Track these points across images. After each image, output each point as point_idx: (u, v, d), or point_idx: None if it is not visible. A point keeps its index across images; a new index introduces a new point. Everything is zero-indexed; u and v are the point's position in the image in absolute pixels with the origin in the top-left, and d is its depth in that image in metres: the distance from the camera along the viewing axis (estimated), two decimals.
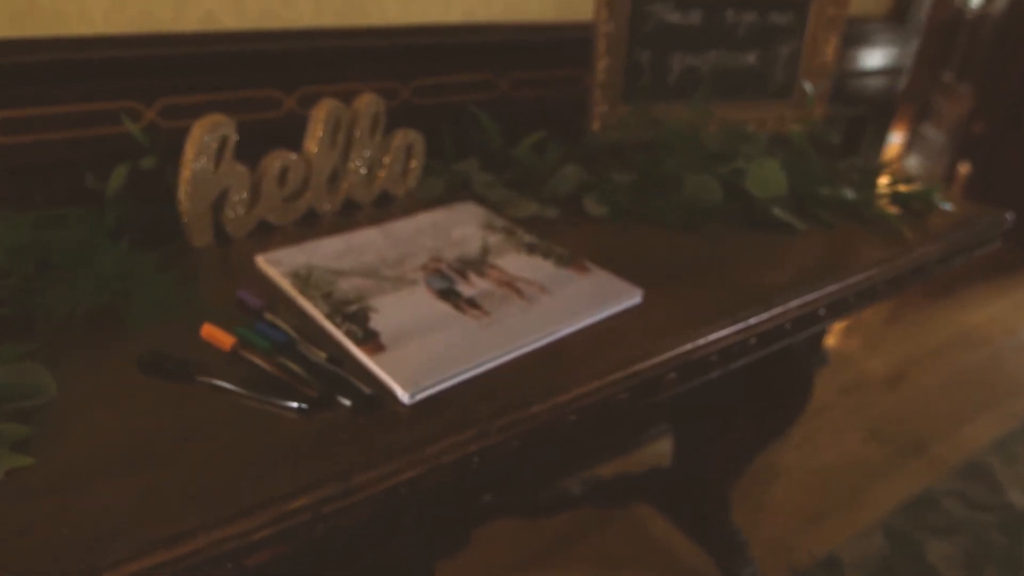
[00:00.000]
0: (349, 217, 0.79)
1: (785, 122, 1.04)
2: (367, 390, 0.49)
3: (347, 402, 0.48)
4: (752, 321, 0.64)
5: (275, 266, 0.64)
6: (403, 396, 0.49)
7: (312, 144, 0.74)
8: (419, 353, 0.53)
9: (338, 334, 0.55)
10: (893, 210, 0.88)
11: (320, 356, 0.53)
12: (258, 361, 0.52)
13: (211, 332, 0.55)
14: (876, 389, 1.87)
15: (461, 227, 0.74)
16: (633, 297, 0.63)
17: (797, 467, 1.58)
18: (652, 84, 0.96)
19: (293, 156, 0.72)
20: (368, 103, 0.76)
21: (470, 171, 0.89)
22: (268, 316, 0.57)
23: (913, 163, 3.38)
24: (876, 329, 2.17)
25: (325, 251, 0.67)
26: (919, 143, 3.37)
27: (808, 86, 1.02)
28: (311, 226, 0.76)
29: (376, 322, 0.56)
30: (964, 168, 3.07)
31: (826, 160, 0.92)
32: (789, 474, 1.57)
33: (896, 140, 3.38)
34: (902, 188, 0.91)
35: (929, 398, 1.86)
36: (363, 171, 0.79)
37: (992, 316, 2.28)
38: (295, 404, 0.48)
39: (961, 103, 3.18)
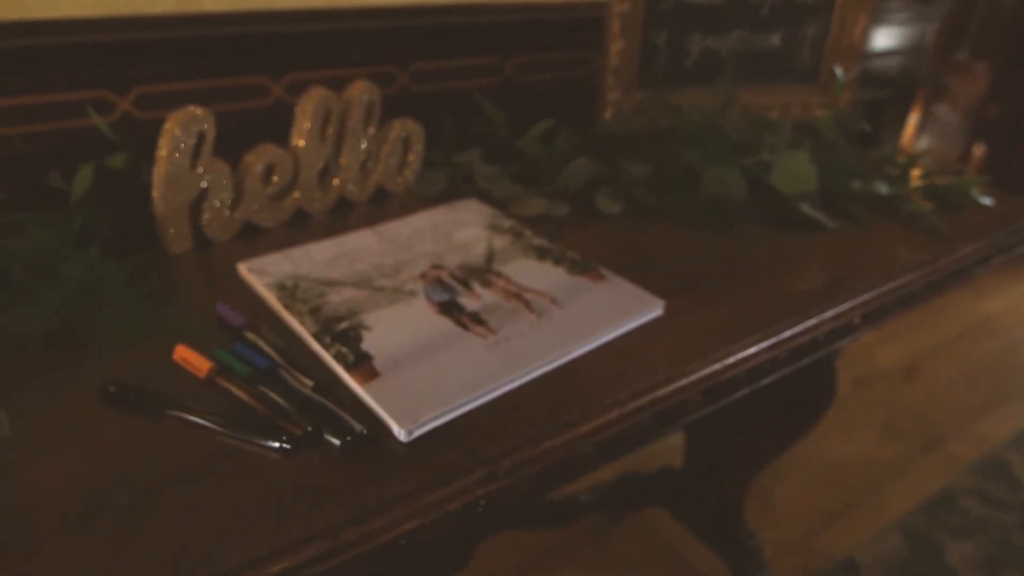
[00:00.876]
0: (342, 217, 0.72)
1: (810, 108, 0.97)
2: (358, 427, 0.43)
3: (336, 441, 0.43)
4: (785, 335, 0.58)
5: (259, 276, 0.58)
6: (399, 433, 0.43)
7: (300, 138, 0.67)
8: (417, 380, 0.47)
9: (327, 357, 0.49)
10: (926, 205, 0.81)
11: (306, 384, 0.47)
12: (236, 391, 0.46)
13: (185, 355, 0.49)
14: (891, 382, 1.82)
15: (464, 228, 0.68)
16: (654, 309, 0.57)
17: (810, 463, 1.53)
18: (669, 68, 0.89)
19: (279, 151, 0.66)
20: (362, 91, 0.70)
21: (473, 164, 0.83)
22: (249, 336, 0.51)
23: (925, 145, 3.29)
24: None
25: (315, 258, 0.61)
26: (932, 125, 3.28)
27: (839, 70, 0.95)
28: (301, 227, 0.70)
29: (370, 342, 0.50)
30: (979, 150, 2.99)
31: (853, 149, 0.85)
32: (802, 471, 1.52)
33: (909, 122, 3.30)
34: (938, 181, 0.84)
35: (945, 391, 1.80)
36: (357, 166, 0.73)
37: (1010, 304, 2.22)
38: (277, 444, 0.42)
39: (976, 83, 3.09)
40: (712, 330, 0.57)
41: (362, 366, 0.48)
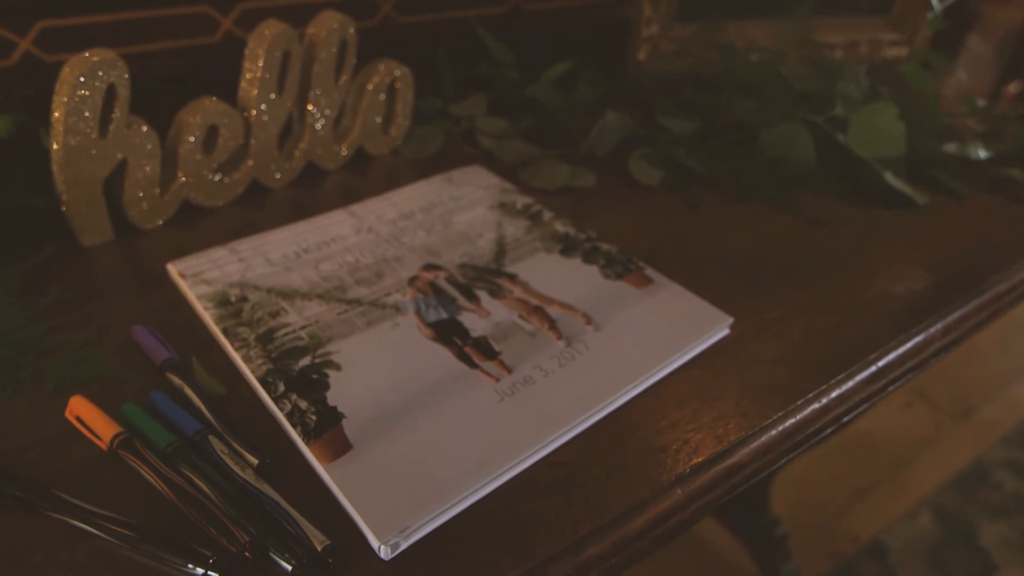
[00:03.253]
0: (309, 190, 0.57)
1: (881, 47, 0.80)
2: (318, 543, 0.30)
3: (287, 566, 0.29)
4: (890, 358, 0.44)
5: (194, 284, 0.44)
6: (379, 549, 0.30)
7: (251, 88, 0.51)
8: (404, 456, 0.33)
9: (279, 415, 0.35)
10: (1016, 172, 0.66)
11: (247, 464, 0.33)
12: (147, 475, 0.32)
13: (81, 413, 0.35)
14: None
15: (466, 210, 0.53)
16: (719, 327, 0.43)
17: (835, 436, 1.43)
18: None
19: (224, 107, 0.50)
20: (331, 25, 0.53)
21: (476, 116, 0.67)
22: (171, 377, 0.37)
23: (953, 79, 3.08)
24: None
25: (270, 255, 0.47)
26: (962, 57, 3.06)
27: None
28: (257, 204, 0.55)
29: (339, 391, 0.37)
30: (1013, 87, 2.79)
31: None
32: (826, 443, 1.41)
33: None
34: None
35: (976, 353, 1.69)
36: (328, 124, 0.57)
37: None
38: (200, 571, 0.29)
39: (1012, 10, 2.86)
40: (795, 357, 0.43)
41: (328, 435, 0.34)
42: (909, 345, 0.45)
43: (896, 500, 1.30)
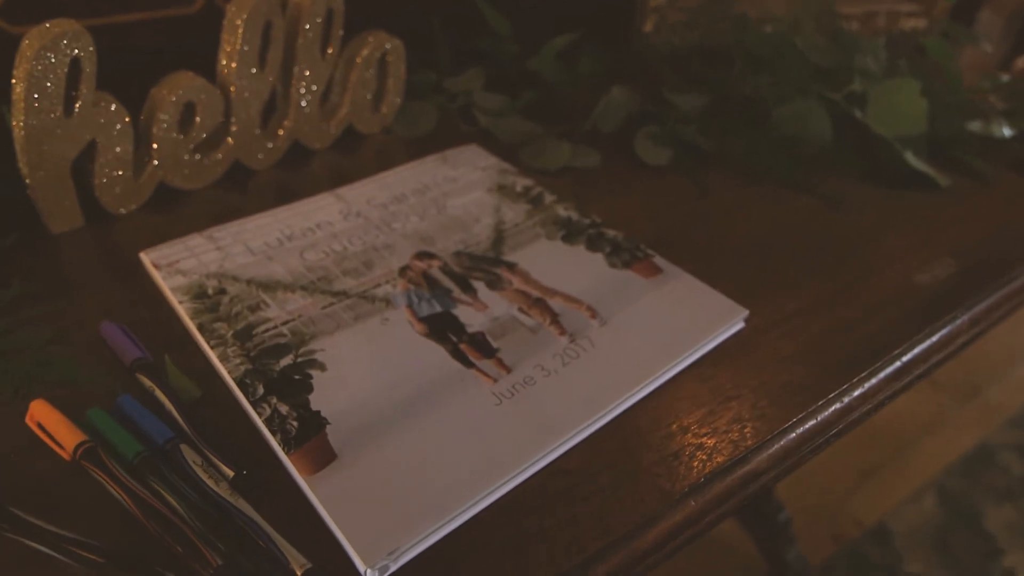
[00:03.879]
0: (296, 170, 0.54)
1: (899, 19, 0.76)
2: (298, 566, 0.27)
3: None
4: (916, 352, 0.41)
5: (168, 274, 0.40)
6: (366, 572, 0.27)
7: (230, 62, 0.48)
8: (393, 467, 0.31)
9: (258, 421, 0.33)
10: None
11: (222, 477, 0.30)
12: (112, 490, 0.30)
13: (43, 419, 0.32)
14: None
15: (462, 193, 0.50)
16: (734, 321, 0.40)
17: None
18: None
19: (202, 83, 0.47)
20: None
21: (472, 92, 0.63)
22: (141, 379, 0.34)
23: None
24: None
25: (251, 243, 0.43)
26: (974, 30, 2.99)
27: None
28: (237, 188, 0.51)
29: (323, 394, 0.34)
30: (1022, 61, 2.73)
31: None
32: None
33: None
34: None
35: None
36: (314, 101, 0.53)
37: None
38: None
39: None
40: (814, 353, 0.40)
41: (310, 444, 0.31)
42: (935, 339, 0.43)
43: (901, 483, 1.29)
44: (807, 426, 0.37)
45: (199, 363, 0.36)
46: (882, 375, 0.40)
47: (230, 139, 0.50)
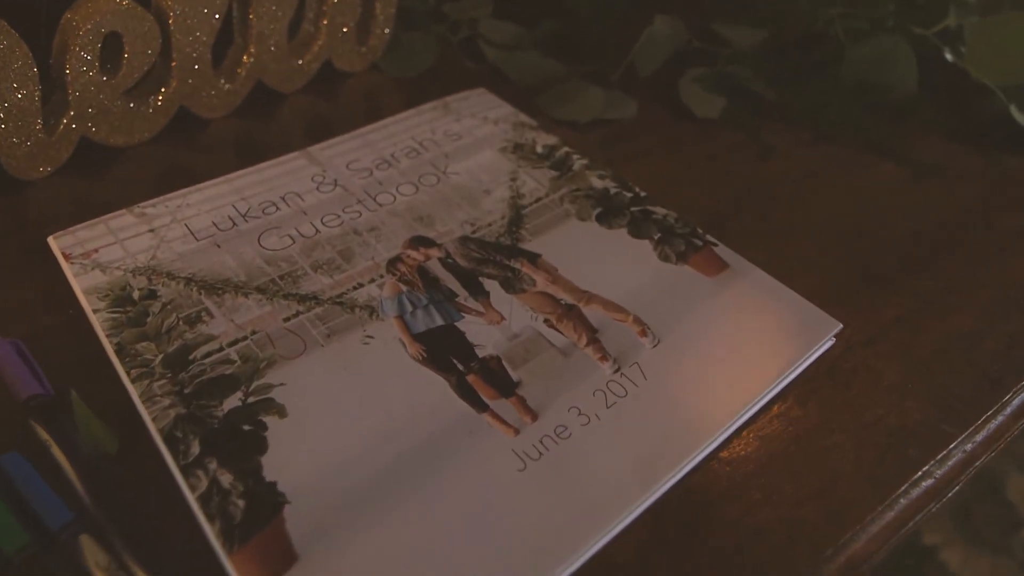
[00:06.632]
0: (261, 120, 0.43)
1: None
2: None
3: None
4: None
5: (83, 268, 0.31)
6: None
7: None
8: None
9: (190, 499, 0.24)
10: None
11: None
12: None
13: None
14: None
15: (469, 154, 0.39)
16: (823, 338, 0.31)
17: None
18: None
19: (126, 5, 0.36)
20: None
21: (479, 20, 0.52)
22: (36, 428, 0.25)
23: None
24: None
25: (196, 221, 0.33)
26: None
27: None
28: (184, 143, 0.41)
29: (280, 453, 0.24)
30: None
31: None
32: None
33: None
34: None
35: None
36: (281, 30, 0.42)
37: None
38: None
39: None
40: (926, 381, 0.31)
41: (261, 536, 0.22)
42: None
43: None
44: (922, 487, 0.28)
45: (121, 397, 0.27)
46: (1014, 405, 0.31)
47: (173, 80, 0.39)
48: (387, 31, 0.47)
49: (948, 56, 0.49)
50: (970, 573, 1.07)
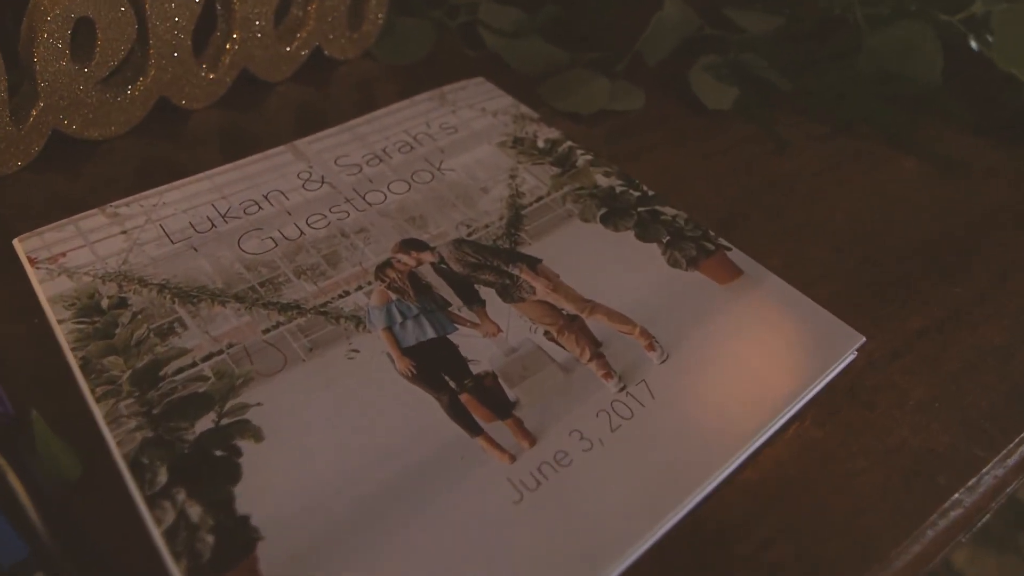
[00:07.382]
0: (245, 111, 0.41)
1: None
2: None
3: None
4: None
5: (50, 274, 0.29)
6: None
7: None
8: None
9: (155, 534, 0.22)
10: None
11: None
12: None
13: None
14: None
15: (466, 148, 0.37)
16: (844, 352, 0.29)
17: None
18: None
19: None
20: None
21: (479, 4, 0.49)
22: None
23: None
24: None
25: (171, 221, 0.31)
26: None
27: None
28: (169, 135, 0.39)
29: (255, 483, 0.22)
30: None
31: None
32: None
33: None
34: None
35: None
36: (267, 14, 0.40)
37: None
38: None
39: None
40: (956, 400, 0.29)
41: (230, 572, 0.20)
42: None
43: None
44: (951, 516, 0.26)
45: (87, 417, 0.25)
46: None
47: (151, 68, 0.37)
48: (380, 16, 0.45)
49: (973, 45, 0.47)
50: (976, 571, 1.06)
